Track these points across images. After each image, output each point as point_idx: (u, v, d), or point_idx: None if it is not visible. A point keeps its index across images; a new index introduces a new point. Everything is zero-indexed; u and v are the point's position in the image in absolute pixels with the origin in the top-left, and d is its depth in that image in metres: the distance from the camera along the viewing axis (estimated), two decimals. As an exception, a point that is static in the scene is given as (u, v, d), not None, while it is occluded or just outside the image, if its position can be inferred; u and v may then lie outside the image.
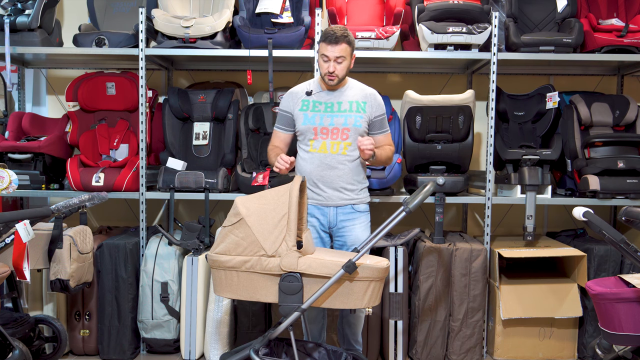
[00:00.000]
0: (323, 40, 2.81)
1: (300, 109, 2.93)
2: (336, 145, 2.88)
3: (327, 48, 2.79)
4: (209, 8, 3.87)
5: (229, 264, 2.46)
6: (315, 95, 2.94)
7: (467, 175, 3.64)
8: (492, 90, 3.59)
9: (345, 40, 2.80)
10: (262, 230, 2.43)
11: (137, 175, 3.61)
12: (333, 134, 2.89)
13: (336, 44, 2.78)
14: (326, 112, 2.90)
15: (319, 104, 2.92)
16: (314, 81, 3.00)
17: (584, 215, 2.52)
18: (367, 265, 2.45)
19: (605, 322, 2.41)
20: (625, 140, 3.69)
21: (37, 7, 3.64)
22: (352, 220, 2.94)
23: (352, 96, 2.93)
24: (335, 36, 2.78)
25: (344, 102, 2.91)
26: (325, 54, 2.80)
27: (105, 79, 3.78)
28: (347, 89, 2.95)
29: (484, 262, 3.46)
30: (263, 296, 2.47)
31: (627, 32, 3.55)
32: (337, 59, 2.80)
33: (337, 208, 2.92)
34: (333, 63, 2.81)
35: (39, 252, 2.99)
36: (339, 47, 2.79)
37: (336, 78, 2.84)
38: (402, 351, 3.40)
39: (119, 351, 3.48)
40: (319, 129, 2.89)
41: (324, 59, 2.82)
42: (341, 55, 2.80)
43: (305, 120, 2.90)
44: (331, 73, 2.82)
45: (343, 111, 2.90)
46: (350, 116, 2.89)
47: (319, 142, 2.89)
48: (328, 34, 2.80)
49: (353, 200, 2.93)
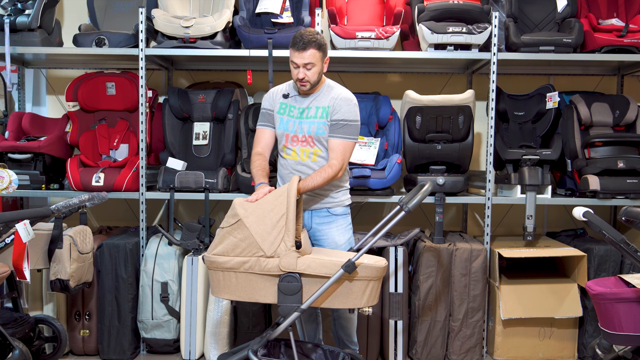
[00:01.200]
0: (291, 47, 2.72)
1: (277, 111, 2.88)
2: (305, 152, 2.83)
3: (295, 54, 2.71)
4: (209, 8, 3.87)
5: (227, 265, 2.45)
6: (292, 98, 2.88)
7: (467, 175, 3.64)
8: (492, 90, 3.59)
9: (313, 45, 2.69)
10: (261, 231, 2.42)
11: (137, 175, 3.61)
12: (302, 142, 2.82)
13: (304, 50, 2.69)
14: (298, 118, 2.83)
15: (293, 109, 2.86)
16: (290, 83, 2.93)
17: (584, 215, 2.52)
18: (366, 264, 2.46)
19: (605, 322, 2.41)
20: (625, 140, 3.69)
21: (37, 7, 3.64)
22: (329, 224, 2.87)
23: (321, 102, 2.82)
24: (303, 42, 2.68)
25: (312, 108, 2.82)
26: (293, 61, 2.72)
27: (105, 79, 3.78)
28: (320, 93, 2.84)
29: (484, 262, 3.46)
30: (262, 297, 2.47)
31: (627, 32, 3.55)
32: (306, 66, 2.71)
33: (312, 212, 2.87)
34: (302, 69, 2.72)
35: (39, 252, 2.99)
36: (307, 53, 2.69)
37: (308, 84, 2.76)
38: (402, 351, 3.40)
39: (119, 351, 3.48)
40: (290, 136, 2.83)
41: (293, 66, 2.74)
42: (310, 61, 2.70)
43: (281, 125, 2.86)
44: (302, 79, 2.74)
45: (310, 117, 2.82)
46: (314, 123, 2.80)
47: (290, 150, 2.85)
48: (295, 39, 2.71)
49: (328, 204, 2.86)
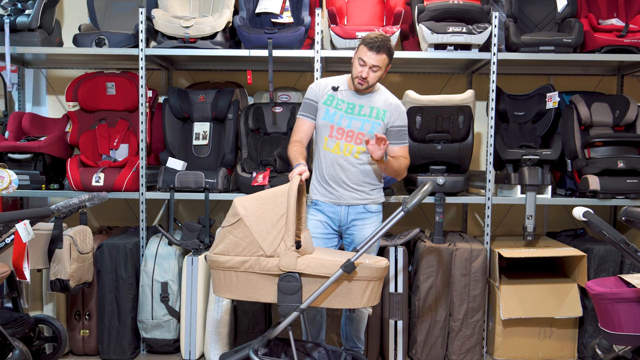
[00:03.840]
0: (365, 44, 2.77)
1: (324, 102, 2.93)
2: (349, 147, 2.89)
3: (367, 54, 2.77)
4: (209, 8, 3.87)
5: (228, 264, 2.46)
6: (341, 92, 2.93)
7: (467, 175, 3.64)
8: (492, 90, 3.59)
9: (386, 51, 2.78)
10: (261, 231, 2.43)
11: (137, 175, 3.61)
12: (348, 137, 2.88)
13: (377, 52, 2.76)
14: (347, 112, 2.90)
15: (342, 103, 2.91)
16: (342, 77, 2.98)
17: (584, 215, 2.52)
18: (366, 264, 2.45)
19: (605, 322, 2.41)
20: (625, 140, 3.69)
21: (37, 7, 3.64)
22: (363, 220, 2.95)
23: (375, 102, 2.92)
24: (379, 45, 2.75)
25: (365, 107, 2.91)
26: (362, 59, 2.78)
27: (105, 79, 3.78)
28: (373, 95, 2.94)
29: (484, 262, 3.46)
30: (262, 296, 2.47)
31: (627, 32, 3.55)
32: (372, 67, 2.79)
33: (349, 207, 2.94)
34: (368, 69, 2.79)
35: (39, 252, 2.99)
36: (378, 57, 2.77)
37: (366, 84, 2.83)
38: (402, 351, 3.40)
39: (119, 351, 3.48)
40: (335, 128, 2.89)
41: (360, 63, 2.80)
42: (378, 64, 2.78)
43: (326, 116, 2.90)
44: (363, 78, 2.81)
45: (362, 115, 2.89)
46: (368, 122, 2.89)
47: (333, 142, 2.89)
48: (372, 40, 2.76)
49: (365, 200, 2.94)
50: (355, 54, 2.85)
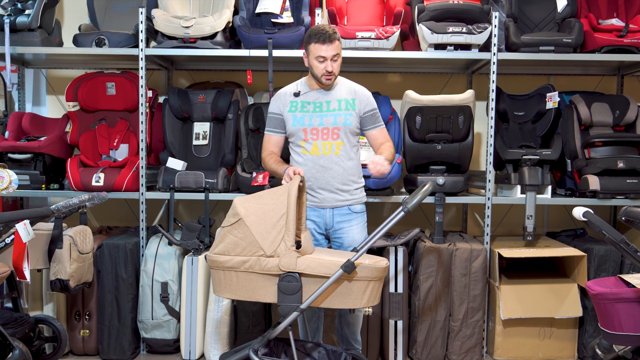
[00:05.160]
0: (316, 41, 2.77)
1: (289, 110, 2.91)
2: (328, 145, 2.86)
3: (322, 48, 2.76)
4: (209, 8, 3.87)
5: (228, 264, 2.46)
6: (303, 95, 2.91)
7: (467, 175, 3.64)
8: (492, 90, 3.59)
9: (337, 37, 2.79)
10: (261, 230, 2.42)
11: (137, 175, 3.61)
12: (323, 134, 2.86)
13: (331, 42, 2.76)
14: (315, 112, 2.88)
15: (307, 104, 2.90)
16: (301, 82, 2.97)
17: (584, 215, 2.52)
18: (366, 265, 2.45)
19: (605, 322, 2.41)
20: (625, 140, 3.69)
21: (37, 7, 3.64)
22: (349, 222, 2.93)
23: (339, 94, 2.91)
24: (329, 34, 2.76)
25: (332, 101, 2.89)
26: (320, 55, 2.77)
27: (105, 79, 3.78)
28: (335, 88, 2.92)
29: (484, 262, 3.46)
30: (262, 296, 2.47)
31: (627, 32, 3.55)
32: (333, 58, 2.79)
33: (334, 210, 2.91)
34: (330, 62, 2.79)
35: (39, 252, 2.99)
36: (333, 46, 2.77)
37: (333, 77, 2.83)
38: (402, 351, 3.40)
39: (119, 351, 3.48)
40: (308, 129, 2.87)
41: (319, 60, 2.79)
42: (336, 52, 2.79)
43: (295, 122, 2.88)
44: (330, 72, 2.80)
45: (332, 110, 2.88)
46: (340, 115, 2.87)
47: (311, 144, 2.87)
48: (320, 33, 2.77)
49: (349, 201, 2.92)
50: (309, 55, 2.83)
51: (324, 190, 2.88)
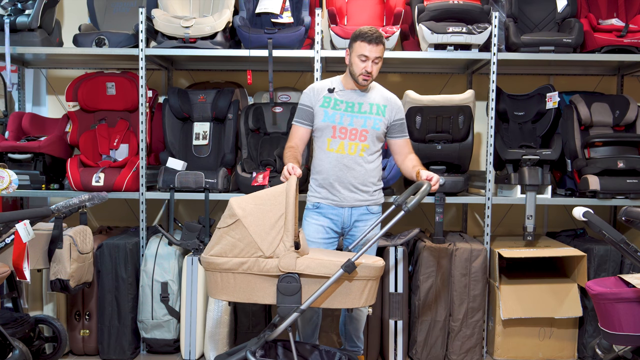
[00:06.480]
0: (362, 40, 2.79)
1: (321, 104, 2.92)
2: (354, 146, 2.88)
3: (367, 48, 2.78)
4: (209, 8, 3.87)
5: (226, 266, 2.42)
6: (337, 93, 2.93)
7: (467, 175, 3.64)
8: (492, 90, 3.59)
9: (383, 42, 2.81)
10: (259, 231, 2.40)
11: (137, 175, 3.61)
12: (351, 135, 2.88)
13: (377, 44, 2.78)
14: (347, 111, 2.90)
15: (340, 103, 2.91)
16: (336, 79, 2.99)
17: (584, 215, 2.52)
18: (366, 264, 2.45)
19: (605, 322, 2.41)
20: (625, 140, 3.69)
21: (37, 7, 3.64)
22: (365, 221, 2.96)
23: (373, 98, 2.94)
24: (376, 36, 2.78)
25: (364, 104, 2.91)
26: (364, 54, 2.79)
27: (105, 79, 3.78)
28: (369, 92, 2.95)
29: (484, 262, 3.46)
30: (260, 298, 2.44)
31: (627, 32, 3.55)
32: (375, 60, 2.81)
33: (352, 209, 2.93)
34: (371, 63, 2.81)
35: (39, 252, 2.99)
36: (378, 48, 2.79)
37: (371, 78, 2.85)
38: (402, 351, 3.40)
39: (119, 351, 3.48)
40: (337, 127, 2.89)
41: (361, 59, 2.80)
42: (379, 55, 2.81)
43: (325, 117, 2.90)
44: (368, 73, 2.82)
45: (363, 112, 2.90)
46: (370, 118, 2.89)
47: (337, 142, 2.89)
48: (368, 33, 2.78)
49: (367, 202, 2.94)
50: (351, 53, 2.85)
51: (344, 189, 2.90)
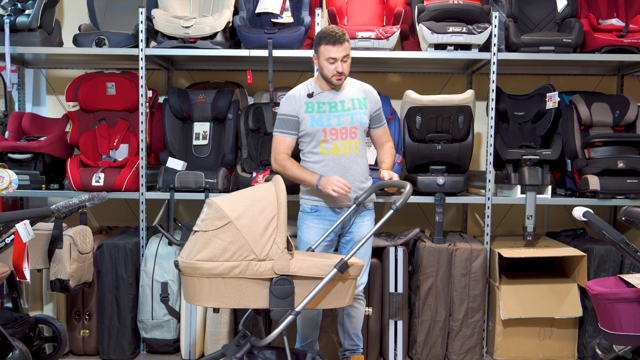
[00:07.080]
0: (326, 43, 2.79)
1: (305, 111, 2.90)
2: (347, 145, 2.89)
3: (333, 50, 2.79)
4: (209, 8, 3.88)
5: (216, 271, 2.29)
6: (317, 96, 2.92)
7: (467, 175, 3.64)
8: (492, 90, 3.59)
9: (346, 38, 2.83)
10: (253, 234, 2.33)
11: (137, 175, 3.61)
12: (342, 134, 2.88)
13: (341, 44, 2.79)
14: (332, 112, 2.90)
15: (322, 104, 2.91)
16: (310, 83, 2.97)
17: (584, 215, 2.52)
18: (356, 263, 2.48)
19: (605, 322, 2.41)
20: (625, 140, 3.69)
21: (37, 7, 3.64)
22: (362, 218, 2.98)
23: (351, 93, 2.95)
24: (338, 36, 2.79)
25: (346, 101, 2.92)
26: (331, 56, 2.79)
27: (105, 79, 3.79)
28: (346, 87, 2.96)
29: (484, 262, 3.46)
30: (251, 302, 2.35)
31: (627, 32, 3.55)
32: (343, 58, 2.81)
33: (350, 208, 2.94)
34: (340, 63, 2.81)
35: (39, 252, 2.99)
36: (343, 47, 2.81)
37: (344, 77, 2.86)
38: (402, 351, 3.40)
39: (119, 351, 3.48)
40: (327, 129, 2.88)
41: (330, 62, 2.81)
42: (346, 53, 2.82)
43: (313, 122, 2.88)
44: (340, 73, 2.82)
45: (347, 109, 2.90)
46: (356, 113, 2.91)
47: (330, 144, 2.88)
48: (330, 35, 2.79)
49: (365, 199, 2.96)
50: (319, 57, 2.84)
51: None
